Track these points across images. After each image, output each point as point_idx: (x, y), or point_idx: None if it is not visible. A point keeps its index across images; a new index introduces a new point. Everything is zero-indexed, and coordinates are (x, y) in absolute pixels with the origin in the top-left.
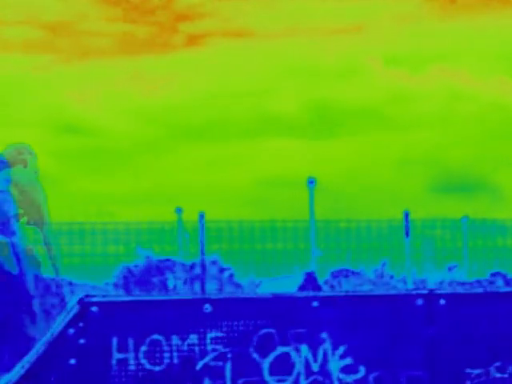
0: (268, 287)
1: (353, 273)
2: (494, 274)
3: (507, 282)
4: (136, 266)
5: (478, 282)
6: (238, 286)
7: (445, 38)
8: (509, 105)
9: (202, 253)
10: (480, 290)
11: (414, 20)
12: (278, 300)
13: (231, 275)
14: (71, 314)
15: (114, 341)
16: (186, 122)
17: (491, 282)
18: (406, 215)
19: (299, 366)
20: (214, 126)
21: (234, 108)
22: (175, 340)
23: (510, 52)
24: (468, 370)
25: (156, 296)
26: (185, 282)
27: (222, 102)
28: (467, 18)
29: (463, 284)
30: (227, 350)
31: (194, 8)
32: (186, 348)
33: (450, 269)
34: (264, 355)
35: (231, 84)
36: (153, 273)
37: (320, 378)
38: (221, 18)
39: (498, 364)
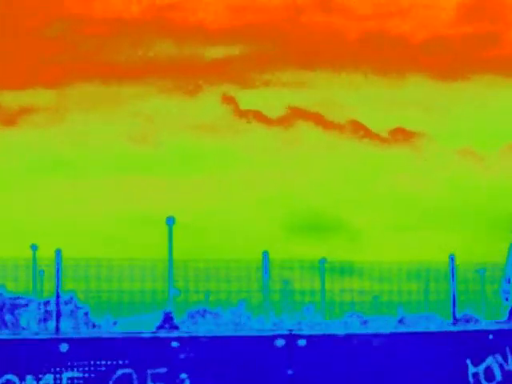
0: (124, 326)
1: (210, 313)
2: (350, 316)
3: (363, 323)
4: None
5: (334, 323)
6: (93, 324)
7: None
8: (363, 147)
9: (58, 291)
10: (338, 332)
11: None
12: (137, 340)
13: (86, 314)
14: None
15: None
16: (43, 157)
17: (346, 323)
18: (265, 256)
19: None
20: (72, 162)
21: (94, 145)
22: (30, 381)
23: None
24: None
25: (9, 335)
26: (39, 321)
27: (82, 139)
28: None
29: (320, 325)
30: None
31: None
32: None
33: (307, 309)
34: None
35: (93, 122)
36: (5, 310)
37: None
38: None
39: None
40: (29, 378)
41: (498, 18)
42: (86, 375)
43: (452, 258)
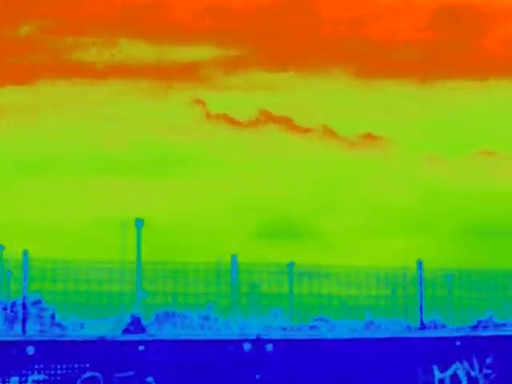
0: (92, 329)
1: (178, 316)
2: (317, 320)
3: (331, 328)
4: None
5: (302, 327)
6: (59, 326)
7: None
8: (333, 151)
9: (25, 293)
10: (306, 336)
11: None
12: (104, 343)
13: (53, 315)
14: None
15: None
16: (11, 158)
17: (314, 328)
18: (234, 259)
19: None
20: (41, 162)
21: (63, 146)
22: None
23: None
24: None
25: None
26: (4, 322)
27: (52, 140)
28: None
29: (288, 329)
30: None
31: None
32: None
33: (275, 313)
34: None
35: (64, 123)
36: None
37: None
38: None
39: None
40: None
41: (471, 25)
42: (53, 378)
43: (420, 264)
